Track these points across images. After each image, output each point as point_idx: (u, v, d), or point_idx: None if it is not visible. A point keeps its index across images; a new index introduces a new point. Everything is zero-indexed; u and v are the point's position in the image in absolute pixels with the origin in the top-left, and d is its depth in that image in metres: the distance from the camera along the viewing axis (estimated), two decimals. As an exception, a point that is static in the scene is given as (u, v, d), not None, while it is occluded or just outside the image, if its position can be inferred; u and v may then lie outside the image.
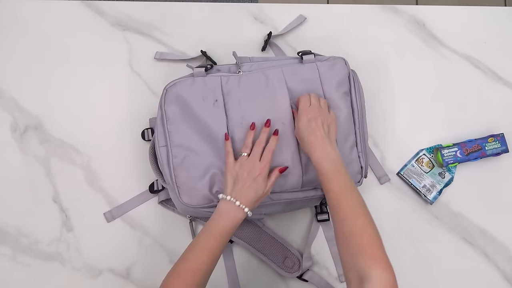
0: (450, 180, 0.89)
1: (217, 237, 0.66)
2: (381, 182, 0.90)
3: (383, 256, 0.59)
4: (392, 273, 0.58)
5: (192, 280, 0.63)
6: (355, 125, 0.81)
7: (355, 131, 0.81)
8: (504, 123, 0.93)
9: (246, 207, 0.68)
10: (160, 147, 0.77)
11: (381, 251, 0.60)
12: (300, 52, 0.84)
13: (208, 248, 0.65)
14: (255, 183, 0.69)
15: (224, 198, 0.69)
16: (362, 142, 0.81)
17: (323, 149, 0.68)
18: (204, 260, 0.64)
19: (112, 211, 0.87)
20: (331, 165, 0.67)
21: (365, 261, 0.58)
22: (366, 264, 0.58)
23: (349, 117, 0.80)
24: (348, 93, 0.81)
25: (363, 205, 0.65)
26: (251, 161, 0.70)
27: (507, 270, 0.87)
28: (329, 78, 0.80)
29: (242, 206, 0.67)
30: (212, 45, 0.94)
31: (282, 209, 0.81)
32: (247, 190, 0.68)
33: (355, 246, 0.61)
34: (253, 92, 0.77)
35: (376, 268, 0.57)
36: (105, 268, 0.86)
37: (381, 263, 0.58)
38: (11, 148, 0.90)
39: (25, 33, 0.95)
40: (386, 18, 0.98)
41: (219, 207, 0.69)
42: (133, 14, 0.96)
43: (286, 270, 0.84)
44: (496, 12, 0.99)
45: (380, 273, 0.57)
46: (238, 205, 0.67)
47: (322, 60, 0.83)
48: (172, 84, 0.78)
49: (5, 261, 0.85)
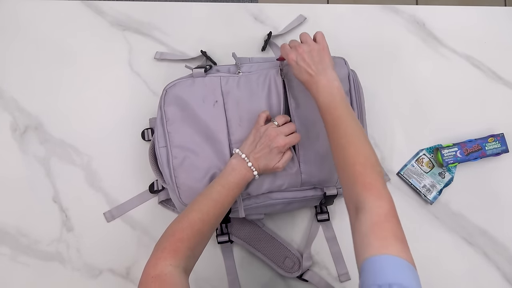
0: (450, 180, 0.89)
1: (229, 191, 0.68)
2: (381, 182, 0.90)
3: (376, 183, 0.58)
4: (386, 199, 0.56)
5: (202, 230, 0.64)
6: None
7: None
8: (504, 123, 0.93)
9: (256, 171, 0.70)
10: (160, 147, 0.77)
11: (373, 179, 0.58)
12: None
13: (221, 200, 0.67)
14: (270, 154, 0.70)
15: (240, 154, 0.70)
16: None
17: (318, 84, 0.68)
18: (215, 212, 0.66)
19: (112, 211, 0.87)
20: (327, 97, 0.66)
21: (358, 190, 0.58)
22: (359, 193, 0.57)
23: None
24: (347, 93, 0.81)
25: (357, 132, 0.64)
26: (277, 131, 0.71)
27: (507, 270, 0.87)
28: None
29: (252, 168, 0.70)
30: (212, 45, 0.94)
31: (282, 209, 0.81)
32: (260, 156, 0.70)
33: (350, 176, 0.60)
34: (251, 93, 0.77)
35: (369, 196, 0.56)
36: (105, 268, 0.86)
37: (373, 191, 0.57)
38: (11, 148, 0.90)
39: (25, 33, 0.95)
40: (386, 18, 0.98)
41: (232, 161, 0.71)
42: (133, 14, 0.96)
43: (286, 270, 0.84)
44: (496, 12, 0.99)
45: (373, 200, 0.56)
46: (250, 166, 0.69)
47: None
48: (172, 85, 0.78)
49: (5, 261, 0.85)
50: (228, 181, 0.69)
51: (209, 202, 0.67)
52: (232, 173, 0.69)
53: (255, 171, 0.70)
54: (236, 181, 0.69)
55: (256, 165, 0.70)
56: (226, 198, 0.68)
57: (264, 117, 0.74)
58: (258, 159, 0.70)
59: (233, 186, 0.68)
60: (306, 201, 0.80)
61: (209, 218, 0.66)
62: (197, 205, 0.66)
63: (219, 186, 0.68)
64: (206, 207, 0.66)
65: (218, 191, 0.68)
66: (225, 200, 0.68)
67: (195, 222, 0.64)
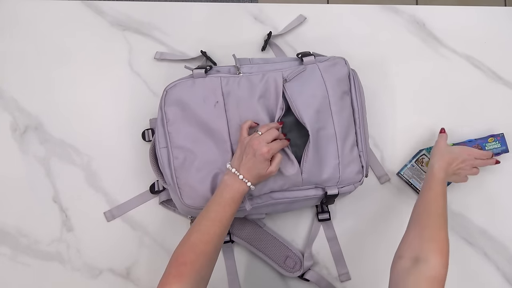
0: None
1: (226, 208, 0.68)
2: (381, 182, 0.90)
3: (448, 253, 0.66)
4: (446, 268, 0.64)
5: (204, 251, 0.64)
6: (355, 124, 0.81)
7: (355, 131, 0.81)
8: (504, 123, 0.93)
9: (249, 182, 0.69)
10: (161, 148, 0.77)
11: (448, 250, 0.66)
12: (300, 53, 0.84)
13: (219, 218, 0.67)
14: (258, 162, 0.70)
15: (230, 169, 0.71)
16: (363, 141, 0.81)
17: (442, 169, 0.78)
18: (216, 230, 0.66)
19: (112, 210, 0.87)
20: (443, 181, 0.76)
21: (432, 247, 0.65)
22: (431, 250, 0.65)
23: (349, 117, 0.80)
24: (348, 93, 0.81)
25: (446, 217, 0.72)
26: (260, 139, 0.71)
27: (507, 270, 0.87)
28: (330, 77, 0.79)
29: (244, 180, 0.69)
30: (212, 45, 0.94)
31: (283, 209, 0.81)
32: (249, 166, 0.70)
33: (430, 234, 0.68)
34: (251, 94, 0.77)
35: (438, 256, 0.64)
36: (105, 268, 0.86)
37: (444, 256, 0.65)
38: (11, 148, 0.90)
39: (25, 33, 0.95)
40: (386, 18, 0.98)
41: (224, 178, 0.71)
42: (133, 14, 0.96)
43: (287, 269, 0.84)
44: (496, 12, 0.99)
45: (439, 261, 0.64)
46: (241, 178, 0.69)
47: (322, 61, 0.83)
48: (172, 85, 0.78)
49: (5, 261, 0.85)
50: (223, 197, 0.68)
51: (208, 222, 0.67)
52: (226, 189, 0.69)
53: (248, 182, 0.69)
54: (231, 196, 0.68)
55: (248, 176, 0.69)
56: (224, 214, 0.67)
57: (246, 128, 0.74)
58: (249, 169, 0.70)
59: (229, 201, 0.68)
60: (307, 200, 0.80)
61: (210, 237, 0.65)
62: (196, 227, 0.67)
63: (215, 205, 0.68)
64: (205, 227, 0.66)
65: (215, 210, 0.68)
66: (223, 217, 0.67)
67: (196, 244, 0.64)
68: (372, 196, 0.89)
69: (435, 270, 0.63)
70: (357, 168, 0.79)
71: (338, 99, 0.79)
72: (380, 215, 0.89)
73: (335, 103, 0.78)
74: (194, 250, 0.64)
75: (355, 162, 0.79)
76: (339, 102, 0.79)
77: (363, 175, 0.80)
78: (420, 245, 0.66)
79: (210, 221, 0.67)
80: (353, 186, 0.79)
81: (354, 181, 0.79)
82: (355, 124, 0.81)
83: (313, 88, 0.78)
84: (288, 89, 0.78)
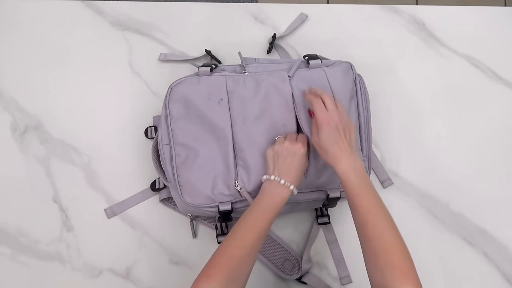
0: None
1: (261, 215, 0.67)
2: (384, 186, 0.90)
3: (413, 273, 0.59)
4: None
5: (236, 255, 0.63)
6: (360, 129, 0.81)
7: (360, 136, 0.81)
8: (504, 123, 0.93)
9: (291, 185, 0.68)
10: (164, 145, 0.78)
11: (411, 268, 0.60)
12: (306, 56, 0.84)
13: (253, 225, 0.66)
14: (295, 160, 0.69)
15: (268, 178, 0.69)
16: (367, 146, 0.81)
17: (349, 162, 0.66)
18: (249, 237, 0.65)
19: (113, 207, 0.87)
20: (359, 179, 0.65)
21: (394, 277, 0.58)
22: (395, 280, 0.58)
23: (355, 122, 0.80)
24: (354, 97, 0.81)
25: (390, 219, 0.64)
26: (288, 139, 0.71)
27: (507, 270, 0.87)
28: (336, 82, 0.79)
29: (287, 184, 0.67)
30: (212, 45, 0.94)
31: (285, 211, 0.80)
32: (288, 167, 0.68)
33: (385, 263, 0.60)
34: (256, 93, 0.77)
35: (405, 284, 0.57)
36: (105, 268, 0.86)
37: (410, 280, 0.58)
38: (11, 148, 0.90)
39: (25, 33, 0.95)
40: (386, 18, 0.98)
41: (263, 187, 0.70)
42: (133, 14, 0.96)
43: (285, 272, 0.84)
44: (496, 12, 0.99)
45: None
46: (283, 183, 0.67)
47: (328, 65, 0.82)
48: (177, 82, 0.79)
49: (5, 261, 0.85)
50: (262, 205, 0.67)
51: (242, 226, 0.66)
52: (264, 197, 0.68)
53: (291, 185, 0.68)
54: (269, 204, 0.67)
55: (290, 179, 0.68)
56: (260, 222, 0.66)
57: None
58: (290, 172, 0.68)
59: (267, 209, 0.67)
60: (309, 203, 0.80)
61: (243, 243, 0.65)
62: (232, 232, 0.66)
63: (252, 212, 0.67)
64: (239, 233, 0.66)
65: (251, 217, 0.67)
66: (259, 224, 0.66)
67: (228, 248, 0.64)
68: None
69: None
70: None
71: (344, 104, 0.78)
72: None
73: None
74: (226, 253, 0.64)
75: None
76: (345, 107, 0.78)
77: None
78: (384, 279, 0.59)
79: (245, 227, 0.66)
80: None
81: None
82: (360, 129, 0.81)
83: None
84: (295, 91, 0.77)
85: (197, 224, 0.87)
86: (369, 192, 0.65)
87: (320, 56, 0.85)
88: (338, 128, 0.67)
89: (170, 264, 0.85)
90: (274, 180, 0.68)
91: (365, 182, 0.65)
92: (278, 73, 0.79)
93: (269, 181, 0.69)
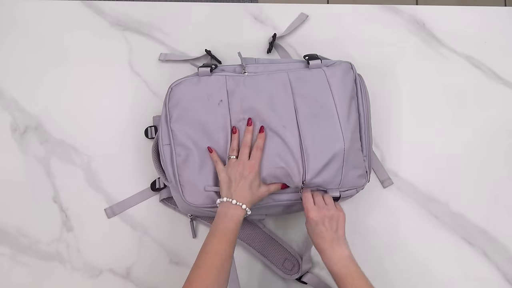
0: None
1: (220, 238, 0.67)
2: (384, 186, 0.90)
3: None
4: None
5: (203, 285, 0.63)
6: (360, 129, 0.80)
7: (360, 136, 0.80)
8: (504, 123, 0.93)
9: (243, 204, 0.69)
10: (164, 145, 0.78)
11: None
12: (307, 56, 0.84)
13: (214, 250, 0.66)
14: (247, 181, 0.70)
15: (221, 200, 0.70)
16: (367, 146, 0.81)
17: (332, 253, 0.69)
18: (212, 262, 0.65)
19: (113, 207, 0.87)
20: (341, 268, 0.68)
21: None
22: None
23: (356, 122, 0.79)
24: (354, 98, 0.81)
25: None
26: (240, 161, 0.72)
27: (507, 270, 0.87)
28: (336, 83, 0.79)
29: (239, 204, 0.69)
30: (212, 45, 0.94)
31: (284, 211, 0.81)
32: (241, 189, 0.70)
33: None
34: (256, 94, 0.77)
35: None
36: (105, 268, 0.86)
37: None
38: (11, 148, 0.90)
39: (25, 33, 0.95)
40: (386, 18, 0.98)
41: (217, 210, 0.70)
42: (133, 14, 0.96)
43: (285, 271, 0.84)
44: (496, 12, 0.99)
45: None
46: (235, 203, 0.69)
47: (328, 65, 0.82)
48: (177, 82, 0.79)
49: (5, 261, 0.85)
50: (218, 228, 0.67)
51: (203, 255, 0.66)
52: (219, 219, 0.68)
53: (243, 205, 0.69)
54: (225, 226, 0.67)
55: (241, 199, 0.69)
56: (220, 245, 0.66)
57: (218, 160, 0.74)
58: (241, 191, 0.69)
59: (223, 231, 0.67)
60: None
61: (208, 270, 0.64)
62: (195, 262, 0.66)
63: (210, 237, 0.67)
64: (201, 261, 0.65)
65: (210, 242, 0.67)
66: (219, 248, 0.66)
67: (194, 279, 0.64)
68: (375, 200, 0.89)
69: None
70: (360, 173, 0.78)
71: (344, 104, 0.78)
72: (383, 219, 0.89)
73: (342, 108, 0.77)
74: (192, 285, 0.63)
75: (360, 167, 0.79)
76: (346, 107, 0.78)
77: (367, 180, 0.80)
78: None
79: (206, 254, 0.66)
80: (355, 190, 0.78)
81: (357, 186, 0.78)
82: (360, 129, 0.80)
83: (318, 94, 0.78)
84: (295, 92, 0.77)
85: (197, 224, 0.87)
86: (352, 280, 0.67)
87: (320, 56, 0.85)
88: (323, 221, 0.71)
89: (170, 264, 0.85)
90: (227, 202, 0.69)
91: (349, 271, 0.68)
92: (278, 73, 0.79)
93: (223, 204, 0.70)
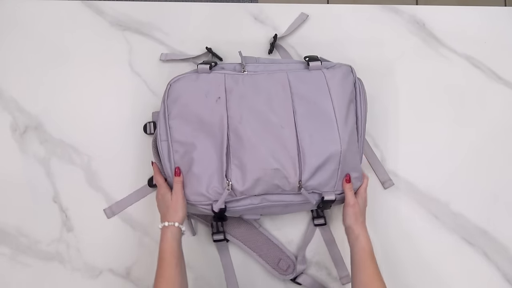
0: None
1: (167, 262, 0.70)
2: (385, 187, 0.89)
3: None
4: None
5: None
6: (358, 133, 0.81)
7: (357, 139, 0.80)
8: (504, 123, 0.93)
9: (171, 221, 0.73)
10: (162, 141, 0.78)
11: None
12: (307, 57, 0.83)
13: (161, 273, 0.69)
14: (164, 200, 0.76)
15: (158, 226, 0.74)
16: (361, 149, 0.81)
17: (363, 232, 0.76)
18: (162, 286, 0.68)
19: (112, 207, 0.87)
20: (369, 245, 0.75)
21: None
22: None
23: (353, 125, 0.79)
24: (353, 101, 0.81)
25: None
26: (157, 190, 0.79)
27: (507, 270, 0.87)
28: (335, 85, 0.79)
29: (170, 224, 0.72)
30: (213, 45, 0.94)
31: (279, 211, 0.81)
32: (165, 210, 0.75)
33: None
34: (255, 93, 0.77)
35: None
36: (105, 268, 0.86)
37: None
38: (11, 148, 0.90)
39: (25, 33, 0.95)
40: (386, 18, 0.98)
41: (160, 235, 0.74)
42: (133, 14, 0.96)
43: (280, 272, 0.84)
44: (496, 12, 0.99)
45: None
46: (167, 225, 0.73)
47: (328, 67, 0.82)
48: (176, 79, 0.79)
49: (5, 261, 0.85)
50: (161, 251, 0.71)
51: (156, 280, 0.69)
52: (160, 243, 0.72)
53: (171, 222, 0.72)
54: (164, 248, 0.71)
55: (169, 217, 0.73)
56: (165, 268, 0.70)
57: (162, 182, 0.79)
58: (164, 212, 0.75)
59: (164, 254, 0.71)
60: (304, 205, 0.79)
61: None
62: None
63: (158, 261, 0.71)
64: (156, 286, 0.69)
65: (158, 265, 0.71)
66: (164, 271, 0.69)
67: None
68: (376, 201, 0.89)
69: None
70: (356, 175, 0.78)
71: (343, 107, 0.78)
72: (383, 220, 0.89)
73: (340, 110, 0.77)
74: None
75: (356, 169, 0.78)
76: (344, 109, 0.78)
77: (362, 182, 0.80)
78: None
79: (157, 278, 0.69)
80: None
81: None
82: (357, 133, 0.81)
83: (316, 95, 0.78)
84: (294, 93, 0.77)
85: (195, 222, 0.87)
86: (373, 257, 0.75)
87: (321, 57, 0.85)
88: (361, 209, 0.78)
89: (170, 264, 0.85)
90: (161, 225, 0.74)
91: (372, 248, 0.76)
92: (277, 73, 0.79)
93: (160, 229, 0.74)
